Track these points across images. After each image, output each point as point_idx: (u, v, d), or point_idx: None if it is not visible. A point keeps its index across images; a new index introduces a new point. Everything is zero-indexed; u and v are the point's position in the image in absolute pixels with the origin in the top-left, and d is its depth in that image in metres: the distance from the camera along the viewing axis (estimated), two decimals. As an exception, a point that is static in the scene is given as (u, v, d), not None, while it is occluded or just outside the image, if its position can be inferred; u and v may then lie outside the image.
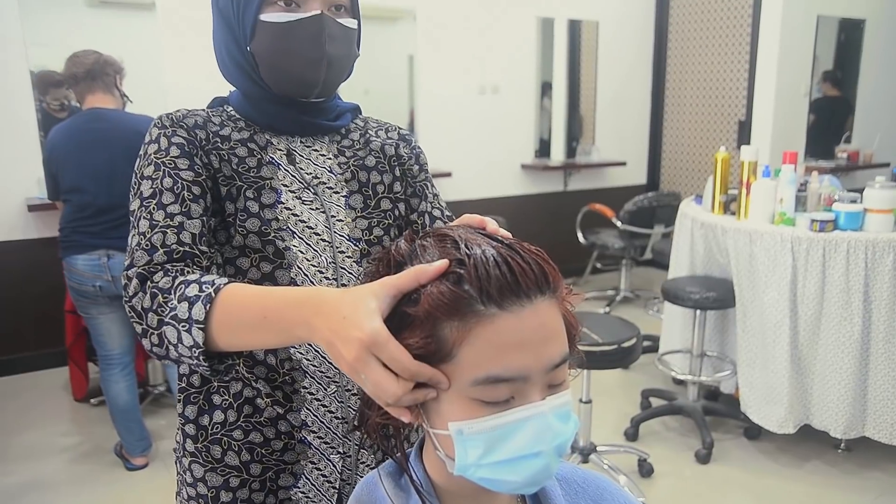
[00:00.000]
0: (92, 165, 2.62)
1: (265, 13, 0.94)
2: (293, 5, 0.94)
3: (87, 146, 2.63)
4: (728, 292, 3.03)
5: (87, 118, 2.67)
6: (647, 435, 3.20)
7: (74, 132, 2.65)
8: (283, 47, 0.94)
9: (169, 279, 0.83)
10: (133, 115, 2.74)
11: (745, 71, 5.29)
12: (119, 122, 2.67)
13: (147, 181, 0.92)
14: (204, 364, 0.79)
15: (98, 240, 2.65)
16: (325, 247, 0.99)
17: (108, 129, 2.64)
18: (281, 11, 0.93)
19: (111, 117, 2.67)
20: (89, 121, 2.66)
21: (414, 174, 1.12)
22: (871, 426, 2.82)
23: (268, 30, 0.94)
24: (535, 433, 0.64)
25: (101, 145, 2.62)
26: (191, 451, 1.00)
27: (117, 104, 2.73)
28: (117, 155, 2.61)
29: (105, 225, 2.65)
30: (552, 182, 5.62)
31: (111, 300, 2.73)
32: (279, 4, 0.93)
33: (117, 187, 2.63)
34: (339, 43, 0.97)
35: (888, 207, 2.74)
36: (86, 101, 2.70)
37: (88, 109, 2.68)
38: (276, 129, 1.03)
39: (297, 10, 0.94)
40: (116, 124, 2.66)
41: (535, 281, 0.66)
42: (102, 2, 3.95)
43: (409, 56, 4.92)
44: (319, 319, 0.67)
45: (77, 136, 2.64)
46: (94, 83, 2.66)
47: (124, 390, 2.85)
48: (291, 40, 0.94)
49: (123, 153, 2.61)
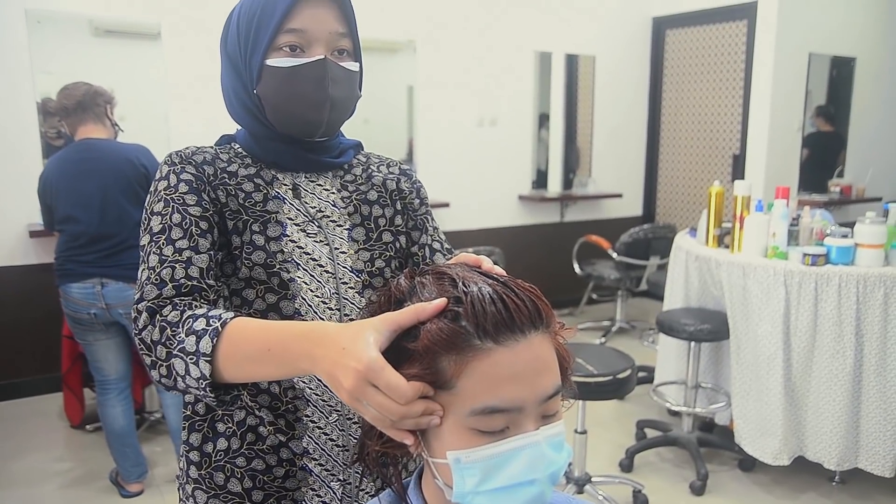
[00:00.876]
0: (84, 195, 2.65)
1: (271, 58, 0.98)
2: (298, 51, 0.98)
3: (78, 176, 2.65)
4: (722, 324, 3.06)
5: (78, 149, 2.69)
6: (642, 466, 3.20)
7: (66, 163, 2.68)
8: (287, 90, 0.99)
9: (177, 313, 0.87)
10: (124, 145, 2.76)
11: (740, 106, 5.38)
12: (110, 151, 2.70)
13: (157, 217, 0.96)
14: (210, 395, 0.83)
15: (92, 268, 2.67)
16: (329, 278, 1.02)
17: (100, 159, 2.67)
18: (286, 56, 0.98)
19: (102, 147, 2.70)
20: (81, 151, 2.69)
21: (415, 208, 1.16)
22: (863, 458, 2.83)
23: (273, 74, 0.99)
24: (530, 461, 0.68)
25: (93, 175, 2.65)
26: (194, 477, 1.02)
27: (109, 134, 2.76)
28: (109, 184, 2.65)
29: (99, 254, 2.67)
30: (549, 213, 5.68)
31: (107, 327, 2.75)
32: (284, 50, 0.98)
33: (110, 216, 2.66)
34: (342, 85, 1.01)
35: (878, 242, 2.79)
36: (77, 133, 2.72)
37: (80, 140, 2.71)
38: (282, 165, 1.07)
39: (301, 55, 0.99)
40: (108, 154, 2.69)
41: (529, 316, 0.69)
42: (108, 31, 4.02)
43: (409, 87, 5.00)
44: (321, 351, 0.70)
45: (69, 167, 2.67)
46: (86, 114, 2.69)
47: (120, 415, 2.86)
48: (296, 84, 0.98)
49: (115, 182, 2.65)
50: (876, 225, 2.80)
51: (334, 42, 1.00)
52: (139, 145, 2.77)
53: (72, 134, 2.76)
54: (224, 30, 1.06)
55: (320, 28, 0.98)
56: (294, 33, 0.97)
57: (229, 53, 1.04)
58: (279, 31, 0.97)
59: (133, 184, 2.68)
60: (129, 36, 4.09)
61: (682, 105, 5.87)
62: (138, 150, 2.74)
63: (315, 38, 0.98)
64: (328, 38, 0.99)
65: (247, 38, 1.00)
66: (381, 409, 0.65)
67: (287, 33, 0.97)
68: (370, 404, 0.66)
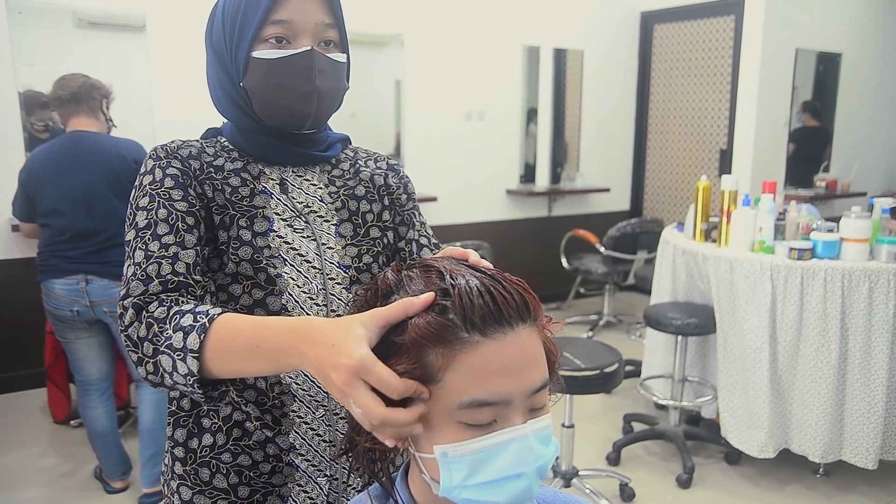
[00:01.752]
0: (70, 188, 2.57)
1: (257, 50, 0.97)
2: (284, 42, 0.97)
3: (66, 169, 2.58)
4: (709, 318, 3.08)
5: (67, 141, 2.62)
6: (629, 459, 3.22)
7: (54, 154, 2.61)
8: (274, 82, 0.98)
9: (164, 309, 0.85)
10: (116, 139, 2.69)
11: (727, 101, 5.41)
12: (101, 145, 2.62)
13: (142, 212, 0.94)
14: (199, 391, 0.81)
15: (76, 264, 2.60)
16: (316, 274, 1.01)
17: (89, 153, 2.59)
18: (272, 48, 0.97)
19: (93, 140, 2.62)
20: (70, 143, 2.61)
21: (402, 203, 1.15)
22: (847, 450, 2.86)
23: (260, 66, 0.97)
24: (517, 455, 0.67)
25: (81, 169, 2.57)
26: (179, 473, 1.01)
27: (101, 128, 2.69)
28: (98, 179, 2.58)
29: (84, 250, 2.60)
30: (537, 207, 5.68)
31: (89, 325, 2.68)
32: (271, 42, 0.97)
33: (97, 211, 2.59)
34: (329, 77, 1.00)
35: (863, 237, 2.81)
36: (69, 124, 2.65)
37: (70, 132, 2.64)
38: (269, 159, 1.05)
39: (287, 46, 0.97)
40: (98, 147, 2.61)
41: (517, 309, 0.69)
42: (92, 23, 3.97)
43: (396, 81, 4.98)
44: (310, 348, 0.69)
45: (56, 159, 2.60)
46: (79, 106, 2.62)
47: (102, 416, 2.81)
48: (283, 75, 0.97)
49: (104, 177, 2.58)
50: (861, 220, 2.82)
51: (321, 33, 0.99)
52: (131, 140, 2.70)
53: (64, 125, 2.70)
54: (209, 23, 1.04)
55: (307, 19, 0.97)
56: (280, 24, 0.96)
57: (214, 46, 1.02)
58: (265, 22, 0.96)
59: (122, 179, 2.59)
60: (113, 28, 4.04)
61: (670, 100, 5.89)
62: (130, 146, 2.66)
63: (301, 28, 0.97)
64: (315, 28, 0.98)
65: (232, 31, 0.98)
66: (364, 409, 0.64)
67: (273, 24, 0.96)
68: (356, 403, 0.65)
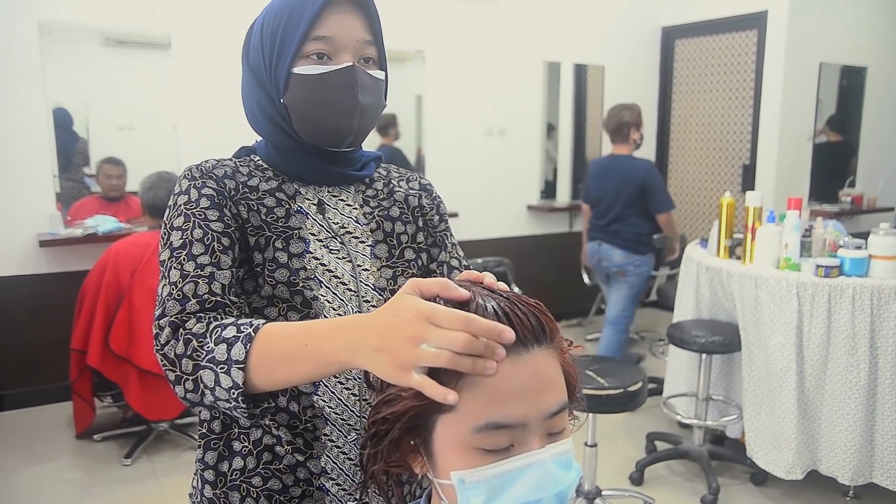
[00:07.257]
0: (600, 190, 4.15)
1: (298, 66, 0.97)
2: (325, 58, 0.97)
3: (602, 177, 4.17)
4: (734, 336, 3.04)
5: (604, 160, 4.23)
6: (653, 479, 3.18)
7: (595, 168, 4.26)
8: (316, 99, 0.98)
9: (203, 325, 0.85)
10: (635, 160, 4.03)
11: (750, 116, 5.37)
12: (622, 164, 4.03)
13: (177, 232, 0.94)
14: (242, 406, 0.79)
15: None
16: (351, 296, 1.01)
17: (614, 169, 4.06)
18: (314, 64, 0.97)
19: (619, 161, 4.05)
20: (605, 160, 4.20)
21: (434, 224, 1.15)
22: (878, 472, 2.80)
23: (301, 82, 0.97)
24: (536, 480, 0.67)
25: (610, 178, 4.08)
26: (209, 496, 1.01)
27: (629, 150, 4.03)
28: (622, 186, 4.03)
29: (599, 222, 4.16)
30: (558, 223, 5.66)
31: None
32: (312, 58, 0.97)
33: (615, 206, 4.04)
34: (370, 93, 1.00)
35: (893, 254, 2.76)
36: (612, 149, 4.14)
37: (607, 155, 4.17)
38: (304, 178, 1.05)
39: (329, 62, 0.97)
40: (620, 165, 4.05)
41: (533, 332, 0.68)
42: (119, 42, 4.04)
43: (418, 96, 5.01)
44: (365, 338, 0.68)
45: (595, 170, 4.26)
46: (616, 136, 4.03)
47: None
48: (325, 91, 0.97)
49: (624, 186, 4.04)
50: (890, 236, 2.78)
51: (361, 50, 0.99)
52: (647, 161, 4.07)
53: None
54: (245, 40, 1.05)
55: (348, 35, 0.97)
56: (321, 41, 0.96)
57: (252, 64, 1.03)
58: (306, 38, 0.96)
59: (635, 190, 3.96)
60: (139, 46, 4.12)
61: (692, 115, 5.86)
62: (643, 165, 3.98)
63: (342, 45, 0.97)
64: (355, 45, 0.98)
65: (272, 47, 0.98)
66: (446, 340, 0.62)
67: (314, 41, 0.96)
68: (434, 341, 0.62)
